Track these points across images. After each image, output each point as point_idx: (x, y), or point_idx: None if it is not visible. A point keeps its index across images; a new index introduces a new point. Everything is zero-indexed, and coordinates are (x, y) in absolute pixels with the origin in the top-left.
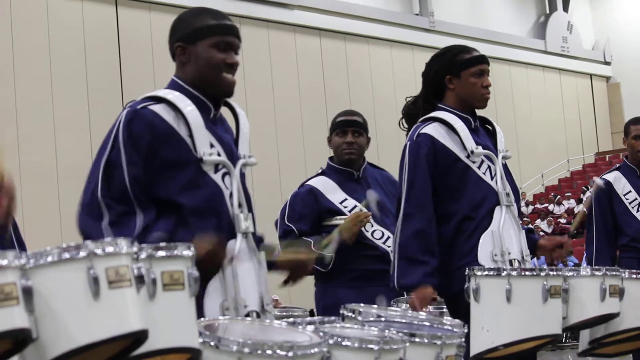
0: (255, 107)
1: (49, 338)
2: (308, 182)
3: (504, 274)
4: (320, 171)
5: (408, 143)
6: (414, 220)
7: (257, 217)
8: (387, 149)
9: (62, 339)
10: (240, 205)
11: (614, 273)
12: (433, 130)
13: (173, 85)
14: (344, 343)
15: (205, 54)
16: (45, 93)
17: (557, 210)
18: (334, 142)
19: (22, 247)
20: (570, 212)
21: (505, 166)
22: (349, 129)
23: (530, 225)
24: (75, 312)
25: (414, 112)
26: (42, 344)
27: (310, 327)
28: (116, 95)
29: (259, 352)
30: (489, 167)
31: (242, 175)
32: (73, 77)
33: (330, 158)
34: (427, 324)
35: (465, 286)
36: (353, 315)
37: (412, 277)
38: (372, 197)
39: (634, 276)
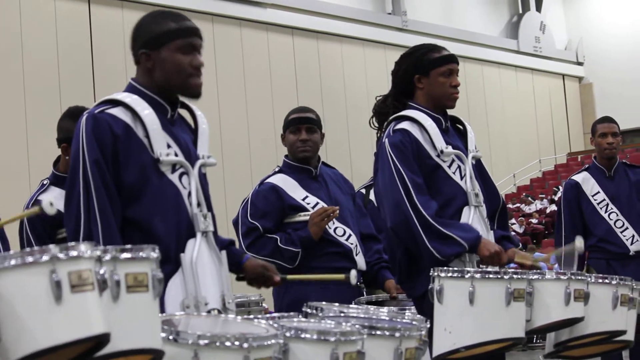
0: (228, 105)
1: (12, 341)
2: (268, 180)
3: (467, 275)
4: (277, 169)
5: (386, 140)
6: (432, 201)
7: (229, 213)
8: (359, 147)
9: (24, 342)
10: (199, 205)
11: (579, 277)
12: (407, 126)
13: (130, 89)
14: (302, 335)
15: (170, 59)
16: (17, 90)
17: (529, 210)
18: (288, 139)
19: (5, 243)
20: (541, 212)
21: (482, 168)
22: (302, 126)
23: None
24: (37, 315)
25: (384, 110)
26: (4, 346)
27: (267, 321)
28: (88, 92)
29: (217, 344)
30: (459, 166)
31: (203, 176)
32: (45, 74)
33: (286, 156)
34: (387, 318)
35: (430, 287)
36: (315, 312)
37: (451, 249)
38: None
39: (600, 281)
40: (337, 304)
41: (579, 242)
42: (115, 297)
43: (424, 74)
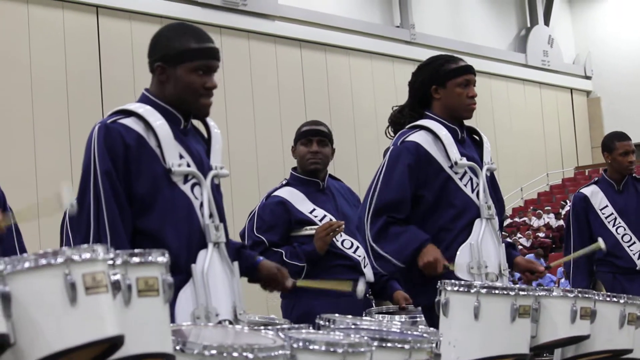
0: (235, 117)
1: (26, 343)
2: (275, 193)
3: (473, 290)
4: (284, 182)
5: (392, 148)
6: (381, 218)
7: (236, 226)
8: (366, 159)
9: (39, 344)
10: (211, 216)
11: (586, 295)
12: (419, 137)
13: (143, 99)
14: (310, 346)
15: (185, 79)
16: (25, 101)
17: (537, 224)
18: (298, 151)
19: (19, 237)
20: (549, 226)
21: (492, 178)
22: (314, 138)
23: (508, 239)
24: (52, 317)
25: (400, 120)
26: (19, 349)
27: (275, 332)
28: (96, 104)
29: (224, 354)
30: (471, 178)
31: (215, 187)
32: (53, 85)
33: (294, 168)
34: (398, 330)
35: (436, 299)
36: (327, 324)
37: (390, 266)
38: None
39: (607, 299)
40: (349, 316)
41: (602, 243)
42: (127, 301)
43: (441, 85)
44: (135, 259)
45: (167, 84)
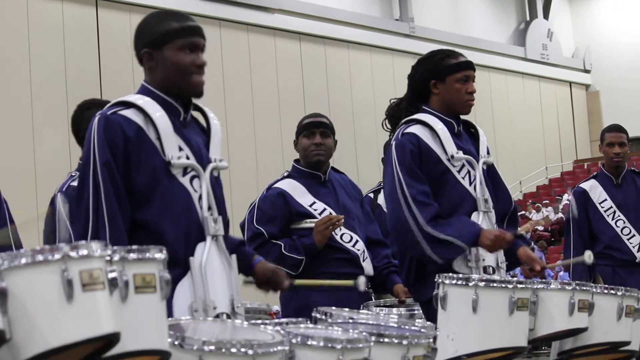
0: (235, 110)
1: (23, 339)
2: (276, 185)
3: (471, 283)
4: (286, 174)
5: (394, 143)
6: (429, 206)
7: (234, 220)
8: (365, 153)
9: (35, 340)
10: (210, 209)
11: (584, 288)
12: (417, 130)
13: (143, 91)
14: (308, 342)
15: (173, 58)
16: (24, 93)
17: (535, 217)
18: (301, 144)
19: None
20: (547, 219)
21: (495, 172)
22: (317, 130)
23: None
24: (48, 314)
25: (397, 113)
26: (15, 345)
27: (274, 327)
28: (95, 96)
29: (222, 350)
30: (468, 171)
31: (215, 179)
32: (52, 78)
33: (296, 161)
34: (395, 325)
35: (434, 293)
36: (324, 318)
37: (451, 251)
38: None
39: (605, 291)
40: (347, 309)
41: (588, 257)
42: (124, 297)
43: (440, 80)
44: (133, 255)
45: (157, 69)
